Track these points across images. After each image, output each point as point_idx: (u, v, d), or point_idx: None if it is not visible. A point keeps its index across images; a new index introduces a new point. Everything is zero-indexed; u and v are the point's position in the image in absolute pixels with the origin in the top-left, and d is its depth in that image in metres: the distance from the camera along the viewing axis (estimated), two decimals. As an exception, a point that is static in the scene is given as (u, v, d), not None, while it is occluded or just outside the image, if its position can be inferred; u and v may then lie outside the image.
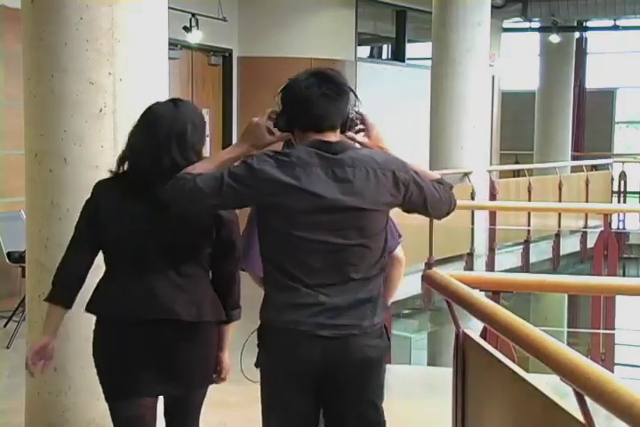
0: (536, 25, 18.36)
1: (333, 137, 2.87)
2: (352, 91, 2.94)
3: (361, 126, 2.97)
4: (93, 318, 3.23)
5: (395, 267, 3.47)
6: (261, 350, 2.91)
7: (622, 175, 15.40)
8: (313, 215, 2.77)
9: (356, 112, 2.96)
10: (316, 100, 2.86)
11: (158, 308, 3.00)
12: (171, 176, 2.85)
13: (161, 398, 3.24)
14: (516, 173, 14.50)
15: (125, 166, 3.10)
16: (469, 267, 10.41)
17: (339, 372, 2.81)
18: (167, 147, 3.01)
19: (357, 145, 2.97)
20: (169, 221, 2.98)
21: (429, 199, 2.92)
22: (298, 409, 2.87)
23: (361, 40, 13.53)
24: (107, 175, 3.15)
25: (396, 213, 3.06)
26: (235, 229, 3.12)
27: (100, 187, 3.14)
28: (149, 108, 3.11)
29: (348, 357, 2.80)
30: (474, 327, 3.14)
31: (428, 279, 3.31)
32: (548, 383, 2.35)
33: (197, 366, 3.14)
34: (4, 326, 6.88)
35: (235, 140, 11.65)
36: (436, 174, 3.04)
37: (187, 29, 10.45)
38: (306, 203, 2.76)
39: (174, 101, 3.12)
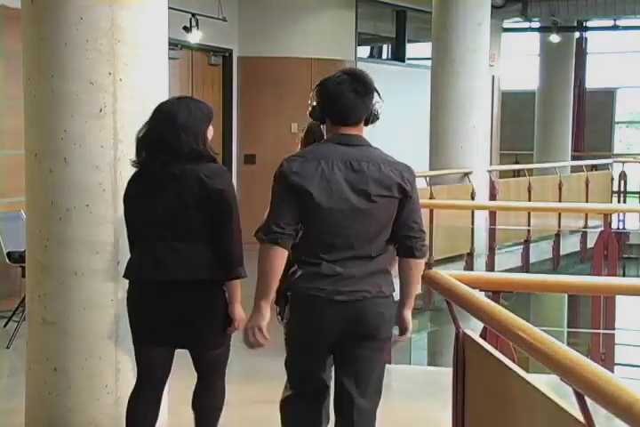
0: (536, 25, 18.36)
1: (356, 131, 3.45)
2: (376, 90, 3.51)
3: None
4: (93, 318, 3.56)
5: (417, 267, 3.56)
6: (290, 311, 3.42)
7: (622, 175, 15.41)
8: (327, 203, 3.32)
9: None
10: (347, 94, 3.39)
11: (163, 271, 3.58)
12: (173, 149, 3.51)
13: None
14: (516, 173, 14.50)
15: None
16: (469, 267, 10.41)
17: (355, 327, 3.36)
18: (168, 128, 3.53)
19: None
20: (169, 200, 3.56)
21: (414, 210, 3.44)
22: (314, 359, 3.45)
23: (361, 40, 13.52)
24: (106, 175, 3.41)
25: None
26: (225, 197, 3.59)
27: (129, 179, 3.72)
28: (157, 106, 3.64)
29: (363, 315, 3.36)
30: (474, 327, 3.14)
31: (427, 279, 3.31)
32: (548, 383, 2.35)
33: (203, 324, 3.64)
34: (4, 326, 6.88)
35: (235, 139, 11.65)
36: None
37: (187, 29, 10.45)
38: (331, 193, 3.32)
39: (179, 98, 3.68)
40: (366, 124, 3.51)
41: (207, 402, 3.95)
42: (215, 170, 3.61)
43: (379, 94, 3.53)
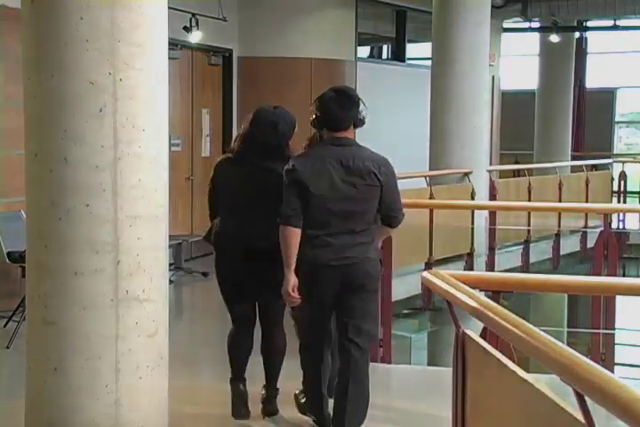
0: (536, 25, 18.36)
1: (346, 134, 4.51)
2: (361, 101, 4.57)
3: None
4: (93, 318, 3.58)
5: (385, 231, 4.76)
6: (298, 273, 4.44)
7: (622, 175, 15.41)
8: (326, 191, 4.39)
9: None
10: (336, 108, 4.44)
11: (244, 241, 4.71)
12: (275, 153, 4.70)
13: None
14: (516, 173, 14.49)
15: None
16: (469, 267, 10.40)
17: (348, 284, 4.41)
18: (269, 132, 4.72)
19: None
20: (256, 183, 4.71)
21: (392, 194, 4.51)
22: (321, 310, 4.52)
23: (361, 40, 13.53)
24: (106, 175, 3.43)
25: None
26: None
27: (220, 162, 4.96)
28: (257, 110, 4.90)
29: (353, 274, 4.42)
30: (474, 327, 3.14)
31: (427, 279, 3.31)
32: (548, 383, 2.36)
33: (271, 283, 4.60)
34: (4, 326, 6.88)
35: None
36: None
37: (187, 29, 10.45)
38: (325, 184, 4.39)
39: (275, 107, 4.88)
40: (355, 128, 4.55)
41: (274, 351, 4.95)
42: None
43: (364, 104, 4.57)
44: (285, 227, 4.40)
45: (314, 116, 4.50)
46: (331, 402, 4.69)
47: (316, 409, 4.77)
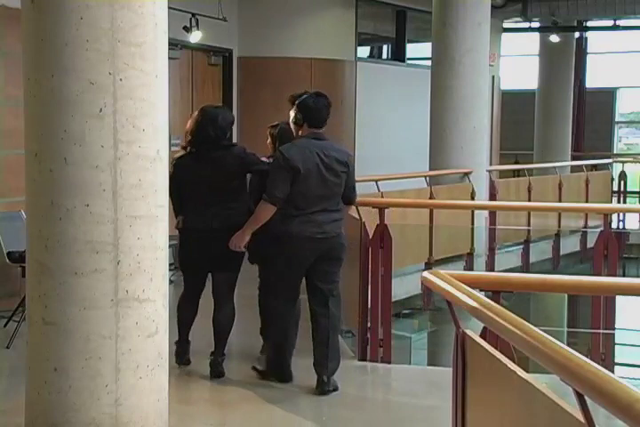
0: (536, 25, 18.34)
1: (321, 130, 5.41)
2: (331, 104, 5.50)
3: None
4: (93, 318, 3.59)
5: (348, 208, 5.78)
6: (280, 246, 5.33)
7: (622, 175, 15.40)
8: (312, 176, 5.28)
9: None
10: (320, 110, 5.38)
11: (204, 222, 5.51)
12: (216, 142, 5.66)
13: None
14: (516, 173, 14.49)
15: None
16: (469, 267, 10.40)
17: (328, 253, 5.38)
18: (210, 126, 5.63)
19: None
20: (215, 172, 5.52)
21: (353, 178, 5.54)
22: (299, 275, 5.43)
23: (361, 40, 13.52)
24: (106, 175, 3.45)
25: (396, 214, 3.11)
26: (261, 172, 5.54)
27: (177, 160, 5.66)
28: (201, 108, 5.83)
29: (332, 245, 5.39)
30: (474, 327, 3.14)
31: (427, 279, 3.31)
32: (548, 383, 2.36)
33: (225, 260, 5.53)
34: (4, 326, 6.87)
35: (235, 138, 11.64)
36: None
37: (187, 29, 10.45)
38: (313, 170, 5.28)
39: (217, 106, 6.13)
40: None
41: (224, 321, 5.65)
42: (242, 151, 5.78)
43: (330, 105, 5.48)
44: (269, 205, 5.26)
45: (294, 118, 5.37)
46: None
47: (280, 362, 5.55)
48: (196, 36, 10.59)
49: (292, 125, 5.46)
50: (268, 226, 5.35)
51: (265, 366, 5.68)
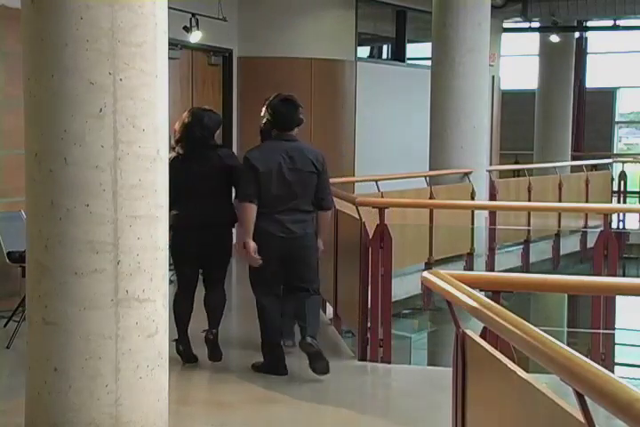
0: (536, 25, 18.34)
1: (291, 132, 5.64)
2: (301, 105, 5.68)
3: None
4: (93, 318, 3.60)
5: (326, 216, 5.88)
6: (255, 240, 5.53)
7: (622, 175, 15.40)
8: (274, 176, 5.51)
9: None
10: (287, 113, 5.59)
11: (199, 219, 5.77)
12: (204, 142, 5.84)
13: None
14: (516, 173, 14.49)
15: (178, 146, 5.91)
16: (469, 267, 10.41)
17: (292, 253, 5.61)
18: (197, 127, 5.85)
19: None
20: (202, 172, 5.79)
21: (325, 180, 5.69)
22: (270, 269, 5.61)
23: (361, 40, 13.52)
24: (106, 175, 3.47)
25: (396, 214, 3.11)
26: (238, 175, 5.71)
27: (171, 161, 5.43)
28: (189, 110, 6.08)
29: (296, 245, 5.60)
30: (474, 327, 3.14)
31: (427, 279, 3.31)
32: (548, 383, 2.36)
33: (216, 253, 5.87)
34: (4, 326, 6.87)
35: (235, 138, 11.66)
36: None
37: (187, 29, 10.44)
38: (274, 170, 5.51)
39: (204, 108, 6.10)
40: (297, 127, 5.66)
41: (215, 302, 5.96)
42: (229, 152, 6.22)
43: (302, 107, 5.69)
44: (245, 204, 5.51)
45: (265, 120, 5.63)
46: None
47: (270, 355, 5.74)
48: (195, 36, 10.59)
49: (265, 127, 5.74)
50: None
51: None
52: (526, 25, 18.35)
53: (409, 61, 14.53)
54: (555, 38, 17.29)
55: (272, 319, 5.70)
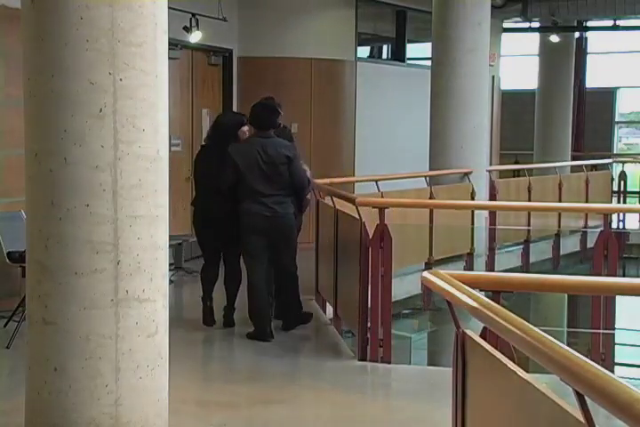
0: (536, 25, 18.34)
1: (268, 131, 6.83)
2: (276, 108, 7.00)
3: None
4: (93, 318, 3.60)
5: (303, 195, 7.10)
6: (241, 220, 6.81)
7: (622, 175, 15.40)
8: (258, 168, 6.73)
9: None
10: (262, 116, 6.88)
11: (213, 210, 7.03)
12: (224, 137, 7.02)
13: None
14: (516, 173, 14.48)
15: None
16: (469, 267, 10.40)
17: (276, 230, 6.79)
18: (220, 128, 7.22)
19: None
20: (218, 167, 6.86)
21: (296, 167, 6.88)
22: (256, 245, 6.84)
23: (361, 40, 13.52)
24: (106, 175, 3.50)
25: (396, 214, 3.10)
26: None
27: (198, 152, 7.52)
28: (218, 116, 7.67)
29: (278, 223, 6.79)
30: (474, 327, 3.14)
31: (427, 279, 3.31)
32: (548, 383, 2.36)
33: (227, 237, 7.00)
34: (4, 326, 6.88)
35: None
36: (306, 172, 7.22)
37: (187, 29, 10.44)
38: (252, 162, 6.72)
39: (225, 111, 8.35)
40: (273, 128, 6.88)
41: (231, 277, 7.13)
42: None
43: (280, 113, 6.96)
44: (222, 187, 6.83)
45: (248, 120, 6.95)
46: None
47: (256, 320, 6.75)
48: (195, 36, 10.59)
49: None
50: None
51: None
52: (526, 25, 18.35)
53: (409, 61, 14.53)
54: (555, 38, 17.28)
55: (257, 284, 6.83)
